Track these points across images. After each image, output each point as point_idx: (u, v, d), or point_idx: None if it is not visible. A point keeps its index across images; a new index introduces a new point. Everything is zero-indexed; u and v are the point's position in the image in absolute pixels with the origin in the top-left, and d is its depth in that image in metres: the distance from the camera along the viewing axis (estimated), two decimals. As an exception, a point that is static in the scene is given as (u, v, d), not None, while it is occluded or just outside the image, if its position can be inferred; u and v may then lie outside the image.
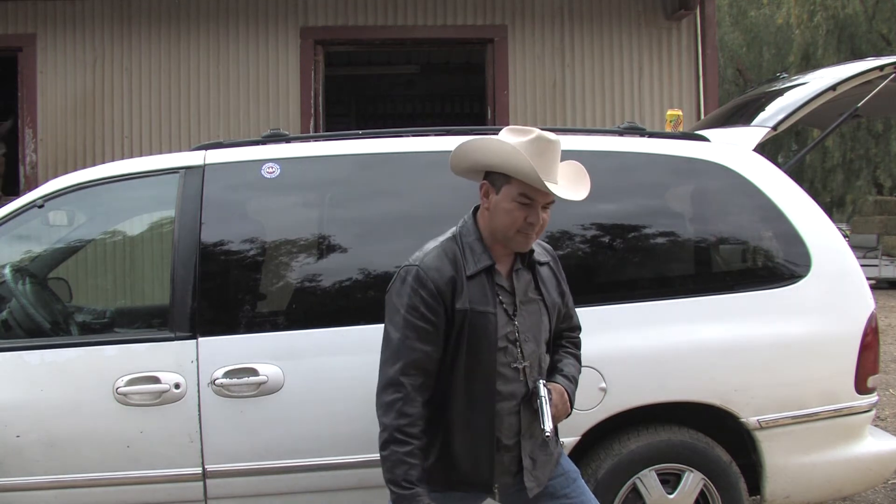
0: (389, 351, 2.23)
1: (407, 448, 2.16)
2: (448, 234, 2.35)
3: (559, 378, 2.41)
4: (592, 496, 2.46)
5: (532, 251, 2.35)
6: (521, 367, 2.29)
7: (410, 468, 2.15)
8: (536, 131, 2.24)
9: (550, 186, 2.18)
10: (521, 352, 2.30)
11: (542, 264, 2.41)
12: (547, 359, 2.42)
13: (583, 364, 2.86)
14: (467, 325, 2.24)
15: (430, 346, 2.21)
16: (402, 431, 2.15)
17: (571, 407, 2.41)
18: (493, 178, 2.27)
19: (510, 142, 2.21)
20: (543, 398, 2.26)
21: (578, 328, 2.58)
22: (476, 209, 2.37)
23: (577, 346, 2.56)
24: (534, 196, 2.21)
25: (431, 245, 2.32)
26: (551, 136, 2.25)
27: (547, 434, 2.22)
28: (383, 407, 2.19)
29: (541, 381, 2.30)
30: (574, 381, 2.45)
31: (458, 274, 2.25)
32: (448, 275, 2.24)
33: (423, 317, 2.21)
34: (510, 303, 2.30)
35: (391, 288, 2.30)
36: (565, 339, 2.53)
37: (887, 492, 4.40)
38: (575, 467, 2.51)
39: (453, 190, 2.93)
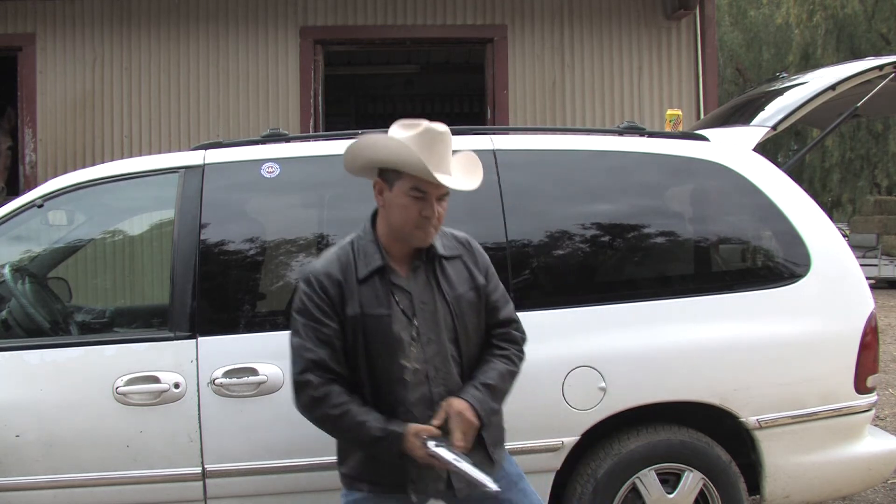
0: (292, 356, 2.26)
1: (352, 410, 2.18)
2: (348, 238, 2.35)
3: (469, 390, 2.25)
4: (537, 499, 2.42)
5: (432, 247, 2.31)
6: (422, 368, 2.23)
7: (369, 420, 2.17)
8: (425, 124, 2.24)
9: (440, 177, 2.17)
10: (423, 354, 2.25)
11: (449, 258, 2.34)
12: (459, 359, 2.30)
13: (583, 364, 2.87)
14: (361, 331, 2.22)
15: (326, 349, 2.21)
16: (336, 406, 2.18)
17: (482, 419, 2.23)
18: (386, 174, 2.26)
19: (399, 136, 2.21)
20: (448, 460, 2.12)
21: (510, 321, 2.42)
22: (375, 213, 2.35)
23: (511, 340, 2.40)
24: (426, 189, 2.20)
25: (330, 251, 2.33)
26: (440, 127, 2.24)
27: (489, 488, 2.12)
28: (306, 408, 2.23)
29: (430, 442, 2.14)
30: (489, 387, 2.28)
31: (347, 278, 2.24)
32: (336, 279, 2.24)
33: (315, 319, 2.22)
34: (408, 303, 2.26)
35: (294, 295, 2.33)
36: (495, 336, 2.39)
37: (887, 491, 4.40)
38: (519, 470, 2.45)
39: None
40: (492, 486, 2.13)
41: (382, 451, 2.21)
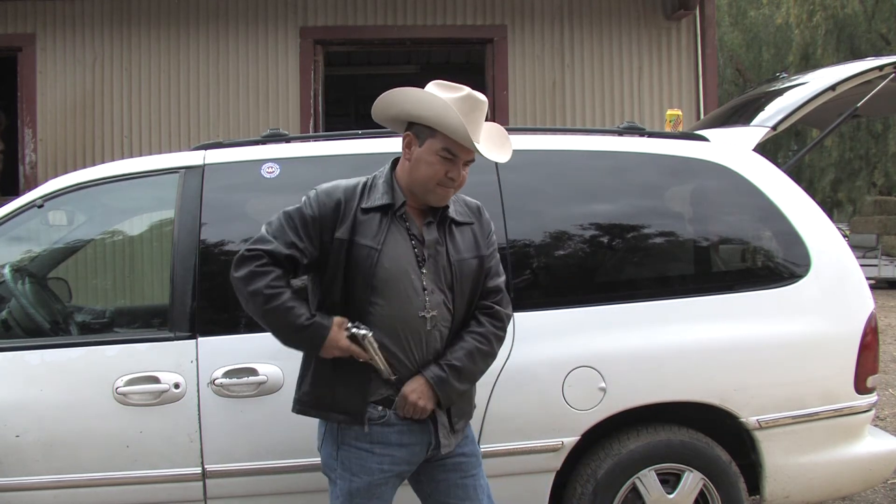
0: (254, 238, 2.30)
1: (285, 296, 2.22)
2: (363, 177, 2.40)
3: (432, 368, 2.28)
4: (488, 487, 2.46)
5: (446, 208, 2.35)
6: (427, 315, 2.28)
7: (298, 307, 2.22)
8: (467, 89, 2.27)
9: (477, 145, 2.23)
10: (426, 301, 2.28)
11: (459, 224, 2.39)
12: (447, 315, 2.32)
13: (583, 364, 2.86)
14: (345, 258, 2.25)
15: (286, 252, 2.24)
16: (272, 287, 2.21)
17: (441, 399, 2.28)
18: (418, 129, 2.29)
19: (441, 96, 2.23)
20: (371, 341, 2.22)
21: (497, 291, 2.42)
22: (395, 161, 2.39)
23: (494, 316, 2.39)
24: (457, 152, 2.25)
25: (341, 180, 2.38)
26: (480, 95, 2.28)
27: (390, 377, 2.24)
28: (246, 278, 2.23)
29: (351, 326, 2.24)
30: (455, 368, 2.30)
31: (349, 203, 2.28)
32: (337, 199, 2.28)
33: (294, 228, 2.27)
34: (420, 252, 2.31)
35: None
36: (479, 308, 2.40)
37: (887, 492, 4.40)
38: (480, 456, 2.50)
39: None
40: (391, 377, 2.25)
41: (303, 341, 2.26)
